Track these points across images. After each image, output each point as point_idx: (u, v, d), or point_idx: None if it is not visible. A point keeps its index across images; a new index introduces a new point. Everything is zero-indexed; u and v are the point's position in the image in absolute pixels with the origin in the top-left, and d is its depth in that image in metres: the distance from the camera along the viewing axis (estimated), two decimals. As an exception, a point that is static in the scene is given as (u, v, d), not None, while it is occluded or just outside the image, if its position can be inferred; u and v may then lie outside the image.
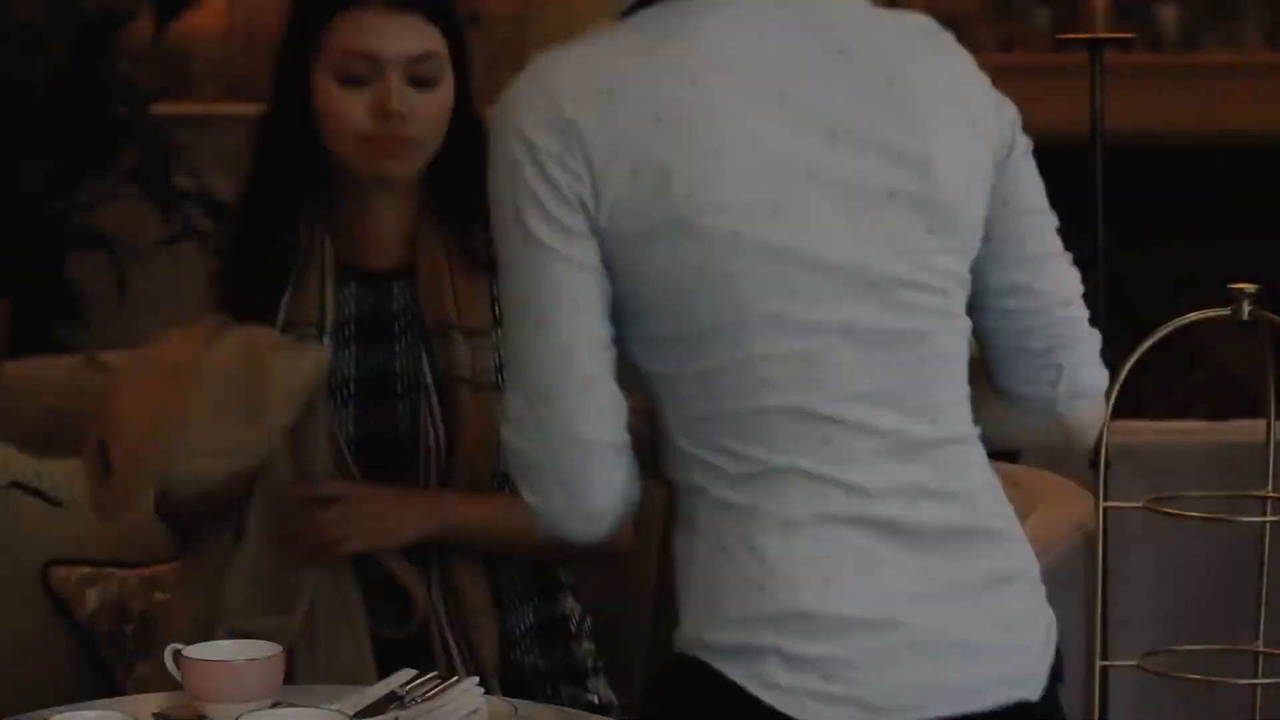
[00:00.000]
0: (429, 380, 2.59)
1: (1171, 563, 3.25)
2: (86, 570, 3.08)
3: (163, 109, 7.39)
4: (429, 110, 2.56)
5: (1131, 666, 3.07)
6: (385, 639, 2.55)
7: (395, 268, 2.62)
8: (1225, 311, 3.01)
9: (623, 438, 1.89)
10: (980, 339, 2.01)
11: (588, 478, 1.88)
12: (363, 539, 2.51)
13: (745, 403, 1.85)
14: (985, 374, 2.03)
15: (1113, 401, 3.06)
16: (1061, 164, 5.09)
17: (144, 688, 2.65)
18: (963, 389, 1.94)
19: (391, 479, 2.58)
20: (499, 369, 2.56)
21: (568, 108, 1.84)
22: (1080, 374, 2.03)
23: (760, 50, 1.86)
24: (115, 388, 2.49)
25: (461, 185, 2.54)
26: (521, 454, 1.90)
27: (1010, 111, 1.99)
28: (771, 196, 1.83)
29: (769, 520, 1.85)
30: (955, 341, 1.94)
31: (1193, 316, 3.09)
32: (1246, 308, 2.98)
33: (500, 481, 2.57)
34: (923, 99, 1.90)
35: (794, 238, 1.84)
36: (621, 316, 1.88)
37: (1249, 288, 3.00)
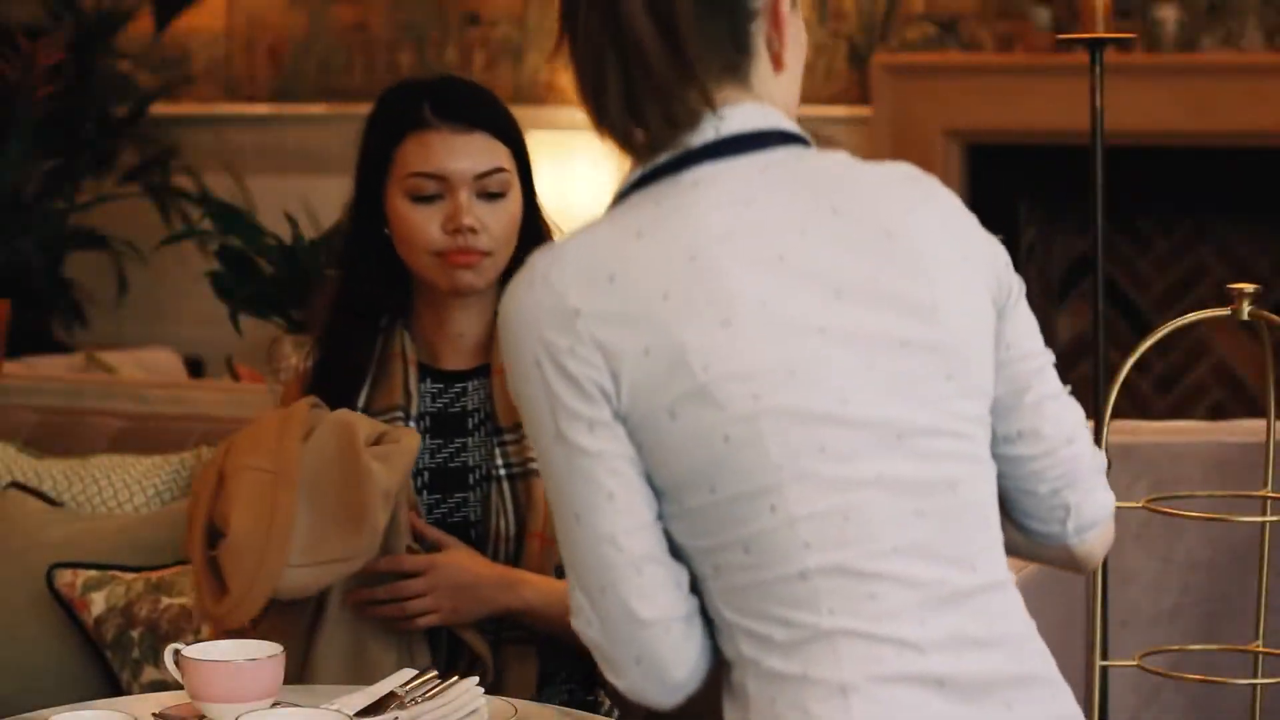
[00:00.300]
0: (502, 473, 2.69)
1: (1171, 563, 3.25)
2: (92, 574, 3.08)
3: (163, 109, 7.40)
4: (498, 222, 2.68)
5: (1132, 666, 3.07)
6: None
7: (469, 369, 2.74)
8: (1225, 311, 3.01)
9: (687, 607, 1.87)
10: None
11: (660, 655, 1.87)
12: (443, 613, 2.60)
13: (787, 567, 1.82)
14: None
15: (1112, 401, 3.07)
16: (1061, 164, 5.10)
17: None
18: (996, 532, 1.92)
19: None
20: None
21: (572, 298, 1.83)
22: (1086, 509, 2.01)
23: (754, 217, 1.86)
24: (225, 492, 2.51)
25: None
26: (593, 642, 1.89)
27: (1003, 254, 1.97)
28: (786, 359, 1.83)
29: (823, 688, 1.82)
30: (985, 486, 1.92)
31: (1193, 316, 3.09)
32: (1246, 308, 2.98)
33: (562, 571, 2.62)
34: (922, 247, 1.89)
35: (814, 397, 1.82)
36: (656, 494, 1.86)
37: (1249, 288, 3.00)
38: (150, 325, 7.51)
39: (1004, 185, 6.50)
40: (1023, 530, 2.01)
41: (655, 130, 1.88)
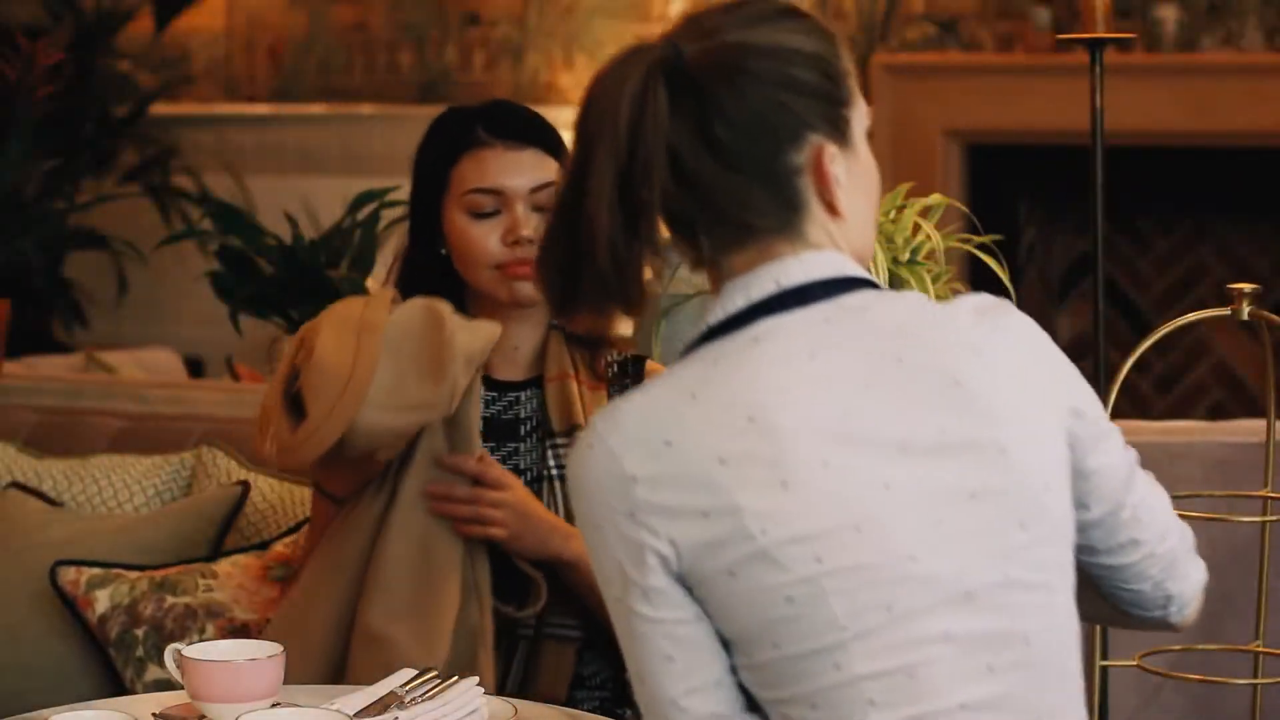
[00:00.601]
0: (554, 473, 2.78)
1: (1171, 562, 3.24)
2: (96, 571, 3.08)
3: (163, 109, 7.40)
4: None
5: (1132, 666, 3.07)
6: (501, 615, 2.69)
7: (523, 380, 2.83)
8: (1225, 311, 3.01)
9: None
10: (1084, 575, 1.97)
11: None
12: (512, 533, 2.68)
13: None
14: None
15: (1113, 401, 3.07)
16: (1061, 164, 5.10)
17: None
18: (1074, 683, 1.88)
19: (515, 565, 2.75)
20: None
21: (629, 464, 1.82)
22: (1187, 591, 2.00)
23: (816, 372, 1.82)
24: (313, 342, 2.61)
25: None
26: None
27: (1078, 380, 1.91)
28: (849, 519, 1.79)
29: None
30: (1064, 637, 1.87)
31: (1193, 316, 3.09)
32: (1246, 308, 2.98)
33: None
34: (991, 391, 1.84)
35: (880, 554, 1.79)
36: (725, 646, 1.84)
37: (1249, 288, 3.00)
38: (150, 325, 7.51)
39: (1004, 185, 6.49)
40: (1126, 615, 2.00)
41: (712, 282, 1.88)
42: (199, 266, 4.70)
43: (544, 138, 2.80)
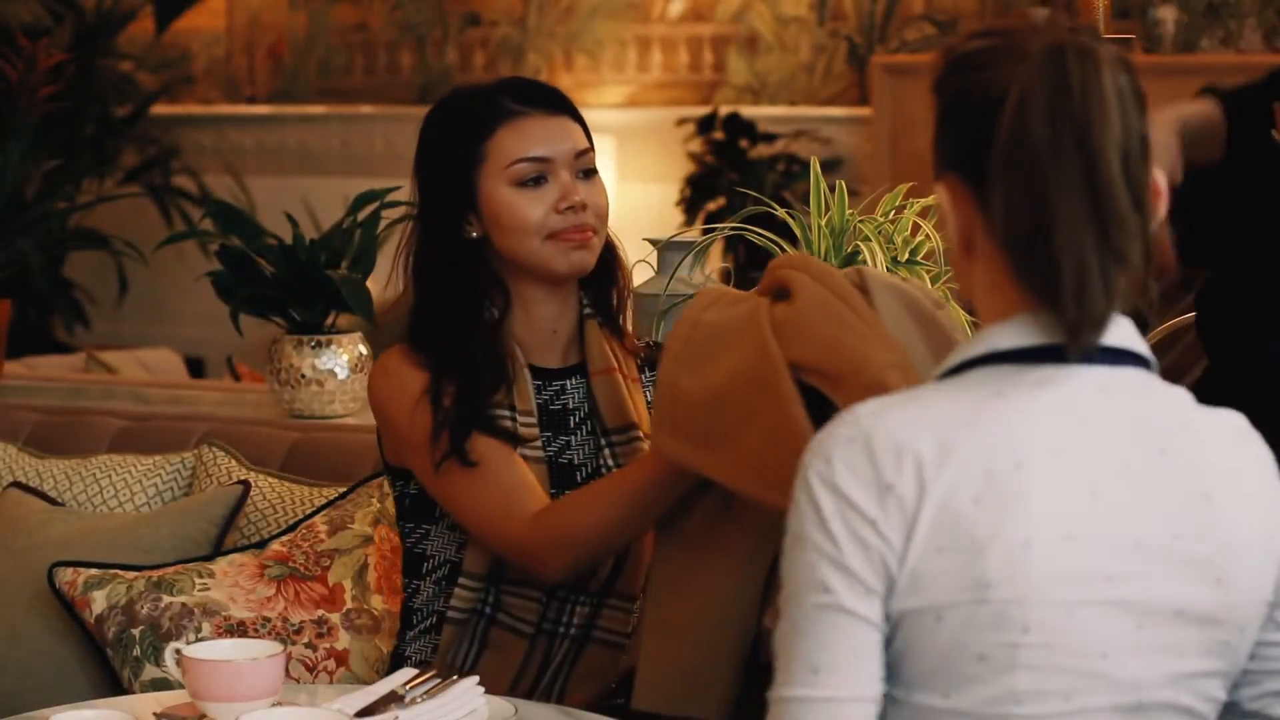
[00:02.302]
0: None
1: (1171, 562, 3.24)
2: (93, 572, 3.08)
3: (163, 109, 7.40)
4: (597, 198, 2.71)
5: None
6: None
7: (563, 366, 2.76)
8: (1224, 311, 3.01)
9: None
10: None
11: None
12: None
13: None
14: None
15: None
16: (1061, 164, 5.09)
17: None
18: None
19: None
20: None
21: (888, 472, 1.76)
22: None
23: (1083, 438, 1.78)
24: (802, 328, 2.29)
25: (607, 289, 2.79)
26: None
27: None
28: (1069, 598, 1.77)
29: None
30: None
31: (1192, 316, 3.09)
32: (1246, 308, 2.98)
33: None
34: (1233, 515, 1.82)
35: (1081, 643, 1.77)
36: (887, 673, 1.81)
37: (1248, 288, 3.00)
38: (150, 325, 7.51)
39: (1004, 185, 6.48)
40: None
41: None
42: (199, 266, 4.70)
43: (570, 106, 2.74)
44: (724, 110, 6.89)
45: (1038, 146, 1.74)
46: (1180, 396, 1.86)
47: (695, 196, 6.85)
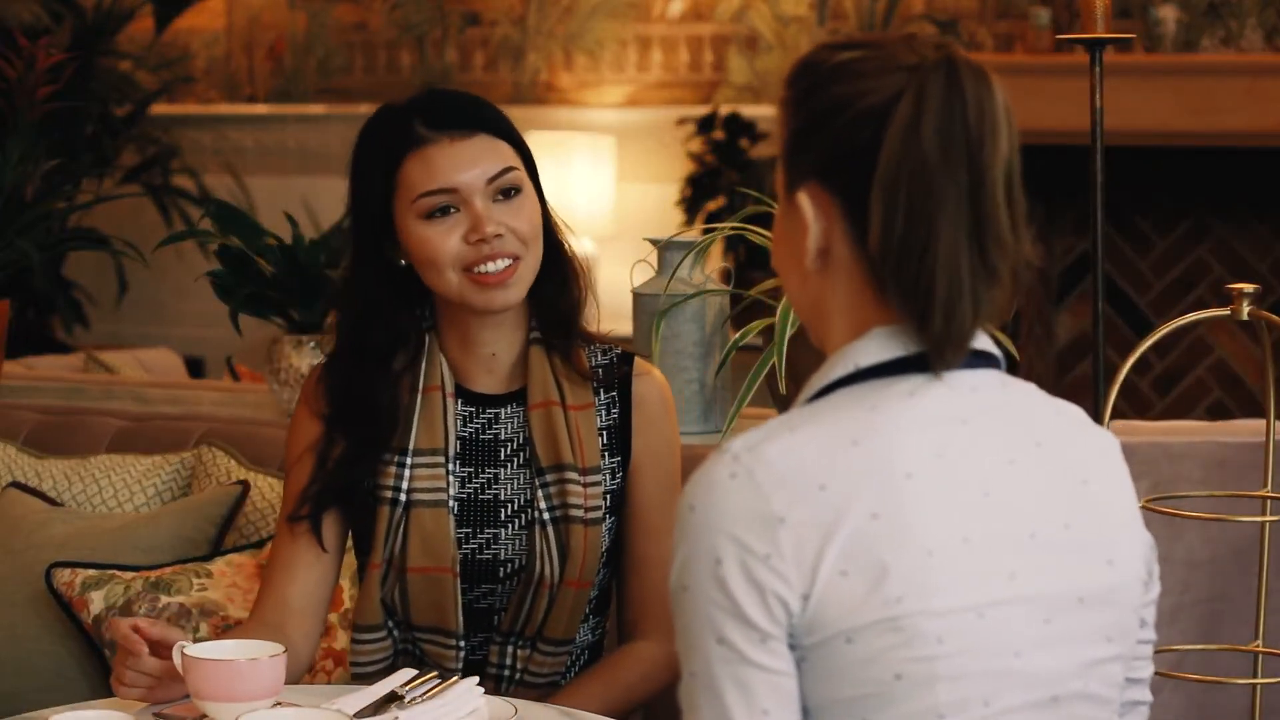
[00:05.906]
0: (545, 516, 2.58)
1: (1171, 562, 3.25)
2: (91, 573, 3.08)
3: (163, 109, 7.40)
4: (521, 221, 2.57)
5: (1131, 666, 3.07)
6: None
7: (503, 393, 2.63)
8: (1225, 311, 3.01)
9: None
10: None
11: None
12: None
13: None
14: None
15: (1112, 401, 3.07)
16: (1061, 164, 5.10)
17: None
18: None
19: (497, 601, 2.61)
20: (605, 504, 2.62)
21: (777, 504, 1.71)
22: None
23: (966, 440, 1.77)
24: None
25: (558, 305, 2.62)
26: None
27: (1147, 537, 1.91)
28: (976, 601, 1.75)
29: None
30: None
31: (1193, 316, 3.09)
32: (1246, 308, 2.99)
33: (594, 607, 2.65)
34: (1109, 496, 1.83)
35: (995, 645, 1.75)
36: (803, 704, 1.76)
37: (1248, 288, 3.00)
38: (150, 325, 7.51)
39: (1004, 185, 6.48)
40: None
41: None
42: (199, 266, 4.69)
43: (491, 121, 2.58)
44: (724, 110, 6.88)
45: (927, 160, 1.71)
46: (1033, 390, 1.85)
47: (695, 196, 6.84)
